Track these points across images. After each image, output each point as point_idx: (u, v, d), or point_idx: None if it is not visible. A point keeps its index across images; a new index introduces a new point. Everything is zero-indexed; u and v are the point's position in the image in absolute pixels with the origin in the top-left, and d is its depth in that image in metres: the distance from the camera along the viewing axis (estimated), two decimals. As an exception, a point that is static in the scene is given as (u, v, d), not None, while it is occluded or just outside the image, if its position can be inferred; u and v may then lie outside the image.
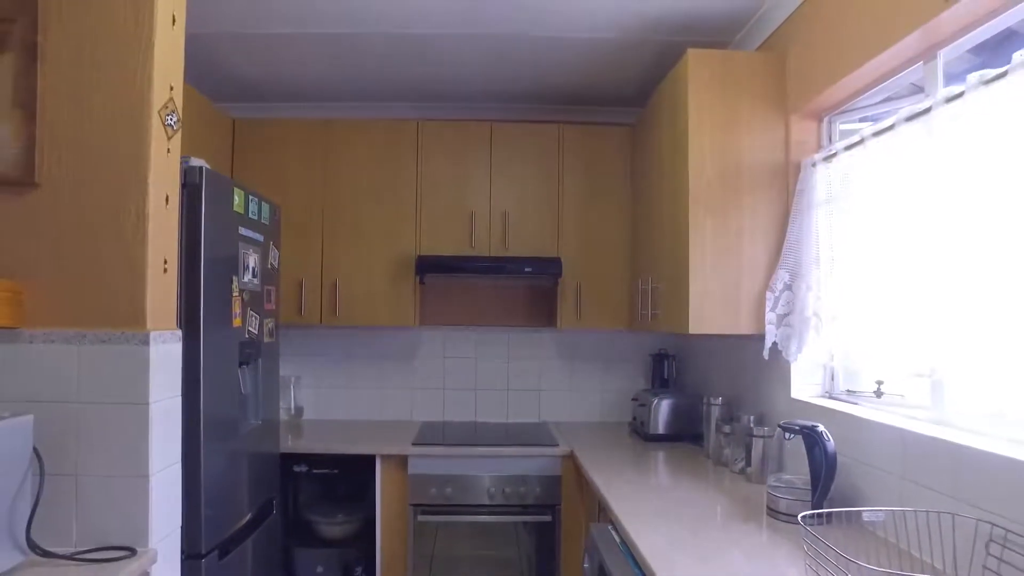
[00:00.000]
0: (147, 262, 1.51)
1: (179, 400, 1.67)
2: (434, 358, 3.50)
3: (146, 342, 1.50)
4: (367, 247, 3.14)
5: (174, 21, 1.61)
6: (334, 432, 3.12)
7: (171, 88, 1.60)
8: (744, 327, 2.30)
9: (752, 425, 2.30)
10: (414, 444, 2.84)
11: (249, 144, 3.16)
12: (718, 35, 2.60)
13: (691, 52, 2.34)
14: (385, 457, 2.81)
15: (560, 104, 3.43)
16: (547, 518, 2.80)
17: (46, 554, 1.41)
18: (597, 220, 3.21)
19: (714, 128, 2.32)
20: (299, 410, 3.33)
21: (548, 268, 3.09)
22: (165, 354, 1.58)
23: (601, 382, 3.53)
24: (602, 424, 3.43)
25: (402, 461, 2.81)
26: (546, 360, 3.53)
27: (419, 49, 2.76)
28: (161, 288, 1.57)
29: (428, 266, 3.05)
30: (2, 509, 1.33)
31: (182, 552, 1.70)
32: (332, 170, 3.15)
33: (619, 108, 3.44)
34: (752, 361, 2.49)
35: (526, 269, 3.08)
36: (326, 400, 3.46)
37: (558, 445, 2.86)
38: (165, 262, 1.59)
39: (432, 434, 3.07)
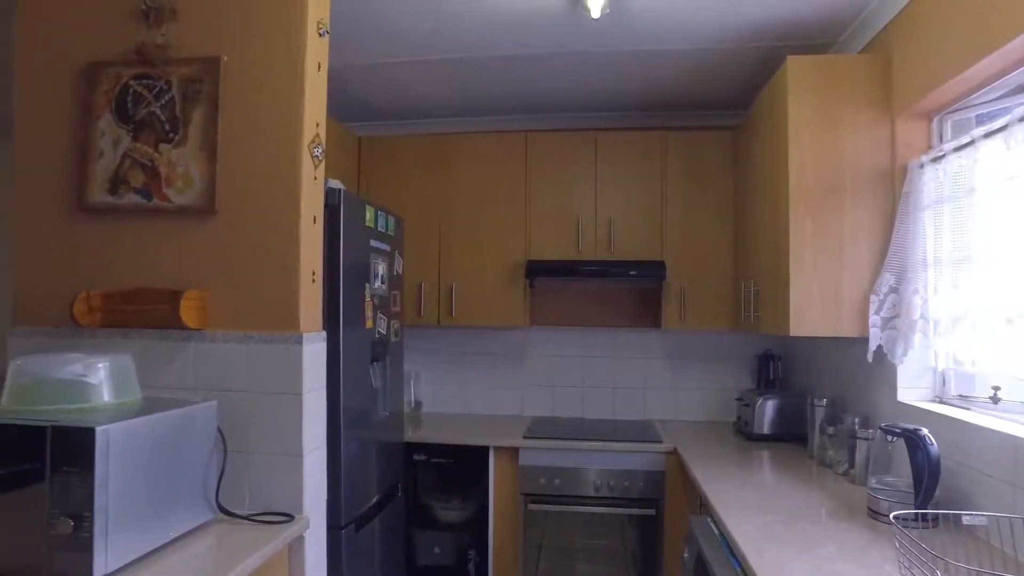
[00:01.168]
0: (300, 274, 1.79)
1: (324, 392, 1.95)
2: (543, 357, 3.69)
3: (300, 342, 1.78)
4: (480, 252, 3.38)
5: (319, 68, 1.89)
6: (450, 424, 3.38)
7: (317, 125, 1.87)
8: (846, 329, 2.31)
9: (856, 427, 2.31)
10: (525, 437, 3.04)
11: (373, 159, 3.48)
12: (819, 39, 2.61)
13: (791, 60, 2.38)
14: (498, 449, 3.03)
15: (662, 111, 3.52)
16: (651, 512, 2.91)
17: (229, 514, 1.72)
18: (700, 223, 3.28)
19: (815, 132, 2.35)
20: (418, 403, 3.63)
21: (652, 271, 3.19)
22: (314, 352, 1.86)
23: (705, 381, 3.58)
24: (706, 423, 3.49)
25: (514, 453, 3.02)
26: (651, 359, 3.63)
27: (528, 68, 2.95)
28: (311, 296, 1.86)
29: (538, 270, 3.23)
30: (198, 476, 1.65)
31: (327, 522, 1.98)
32: (448, 181, 3.42)
33: (721, 111, 3.48)
34: (856, 363, 2.49)
35: (631, 273, 3.20)
36: (442, 394, 3.74)
37: (662, 442, 2.96)
38: (313, 273, 1.86)
39: (542, 428, 3.26)
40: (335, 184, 2.12)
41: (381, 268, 2.43)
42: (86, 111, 1.89)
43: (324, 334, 1.94)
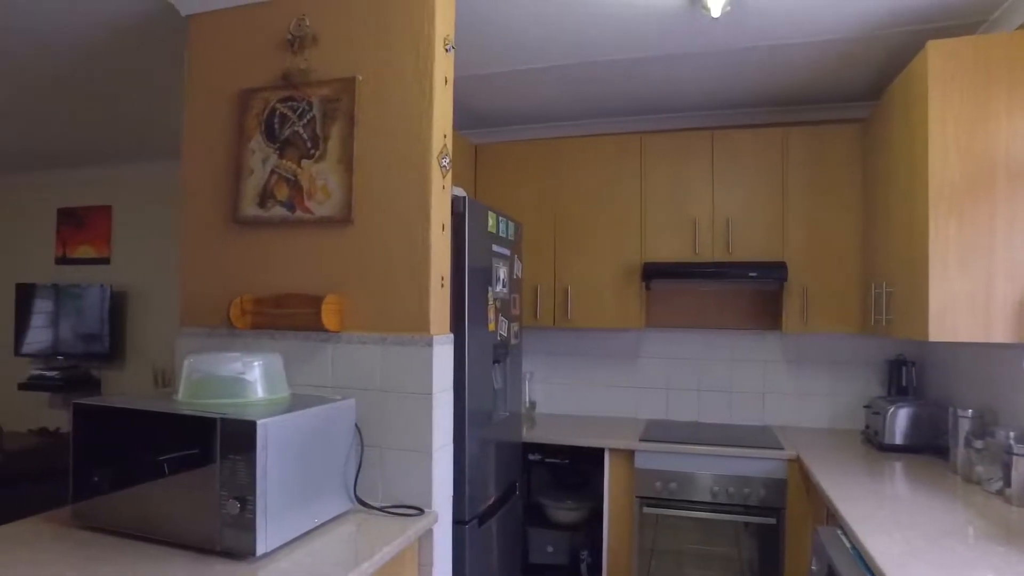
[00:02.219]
0: (430, 279, 1.89)
1: (451, 392, 2.03)
2: (658, 359, 3.65)
3: (430, 344, 1.88)
4: (595, 255, 3.39)
5: (446, 82, 1.97)
6: (564, 425, 3.42)
7: (444, 136, 1.96)
8: (999, 335, 2.14)
9: (1012, 442, 2.13)
10: (641, 440, 3.03)
11: (488, 166, 3.58)
12: (965, 19, 2.42)
13: (931, 44, 2.22)
14: (613, 451, 3.04)
15: (782, 106, 3.38)
16: (771, 520, 2.82)
17: (365, 505, 1.84)
18: (824, 222, 3.13)
19: (961, 121, 2.19)
20: (532, 404, 3.69)
21: (773, 272, 3.08)
22: (443, 354, 1.95)
23: (830, 387, 3.41)
24: (830, 431, 3.33)
25: (629, 455, 3.01)
26: (770, 363, 3.51)
27: (645, 71, 2.93)
28: (440, 300, 1.95)
29: (654, 272, 3.21)
30: (339, 468, 1.78)
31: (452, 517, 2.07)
32: (562, 185, 3.45)
33: (847, 103, 3.30)
34: (1009, 372, 2.29)
35: (750, 274, 3.11)
36: (556, 395, 3.78)
37: (783, 449, 2.86)
38: (442, 278, 1.95)
39: (657, 431, 3.23)
40: (459, 192, 2.20)
41: (502, 272, 2.50)
42: (239, 133, 2.08)
43: (452, 336, 2.03)
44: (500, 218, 2.49)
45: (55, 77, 3.15)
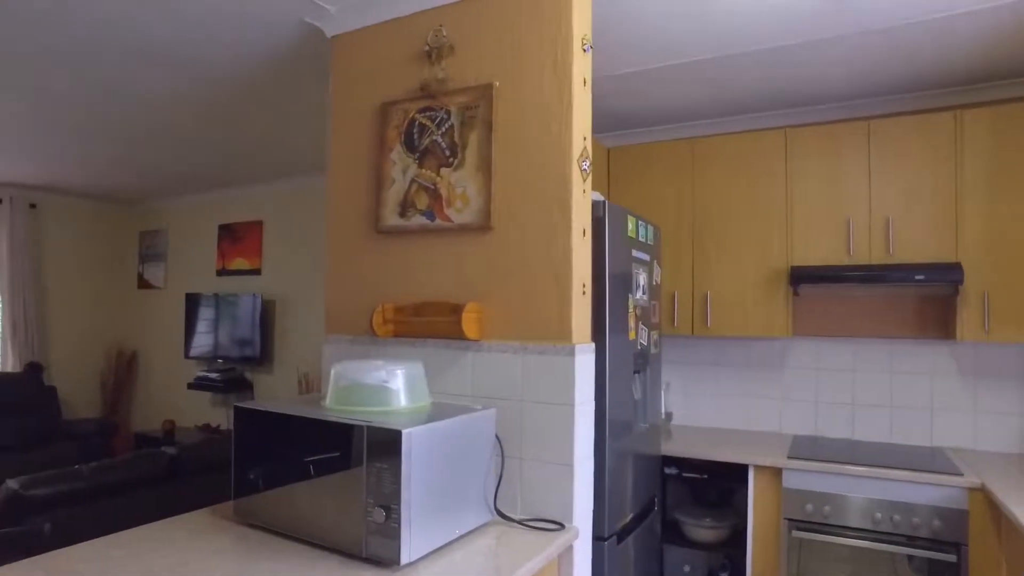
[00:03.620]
0: (572, 286, 1.83)
1: (593, 403, 1.96)
2: (805, 369, 3.38)
3: (572, 353, 1.81)
4: (737, 259, 3.20)
5: (584, 83, 1.91)
6: (702, 438, 3.24)
7: (584, 139, 1.90)
8: None
9: None
10: (789, 457, 2.80)
11: (622, 169, 3.48)
12: None
13: None
14: (759, 468, 2.83)
15: (952, 87, 3.03)
16: (950, 558, 2.50)
17: (505, 517, 1.81)
18: (1011, 216, 2.75)
19: None
20: (668, 415, 3.53)
21: (946, 275, 2.75)
22: (585, 364, 1.88)
23: (1020, 405, 3.00)
24: (1022, 456, 2.92)
25: (776, 473, 2.79)
26: (940, 376, 3.13)
27: (791, 59, 2.73)
28: (582, 308, 1.88)
29: (803, 277, 2.97)
30: (480, 479, 1.76)
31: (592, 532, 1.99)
32: (700, 186, 3.29)
33: (1037, 81, 2.90)
34: None
35: (916, 277, 2.79)
36: (693, 406, 3.60)
37: (962, 475, 2.53)
38: (584, 285, 1.89)
39: (807, 448, 2.98)
40: (597, 196, 2.13)
41: (642, 278, 2.40)
42: (381, 144, 2.13)
43: (593, 346, 1.96)
44: (639, 222, 2.40)
45: (209, 105, 3.42)
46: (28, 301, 5.85)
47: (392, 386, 1.72)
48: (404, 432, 1.48)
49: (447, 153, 2.00)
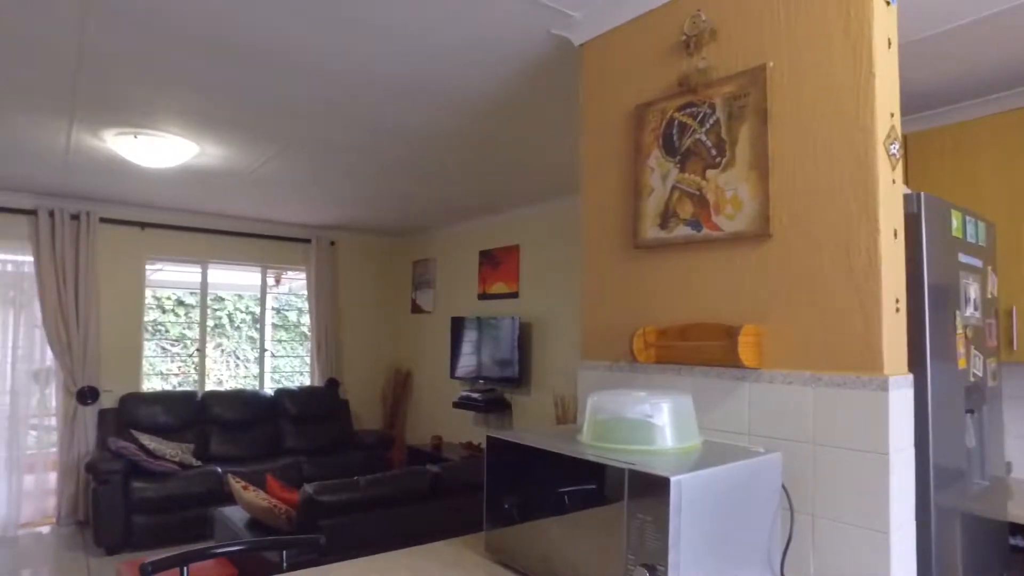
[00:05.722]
0: (881, 302, 1.44)
1: (912, 451, 1.52)
2: None
3: (884, 387, 1.42)
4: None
5: (889, 44, 1.52)
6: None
7: (891, 115, 1.50)
8: None
9: None
10: None
11: (924, 157, 2.85)
12: None
13: None
14: None
15: None
16: None
17: (801, 590, 1.46)
18: None
19: None
20: (1007, 465, 2.76)
21: None
22: (901, 400, 1.47)
23: None
24: None
25: None
26: None
27: None
28: (894, 329, 1.47)
29: None
30: (762, 538, 1.45)
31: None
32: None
33: None
34: None
35: None
36: (1040, 455, 2.78)
37: None
38: (897, 301, 1.48)
39: None
40: (904, 188, 1.69)
41: (972, 290, 1.86)
42: (636, 152, 1.94)
43: (911, 377, 1.53)
44: (967, 217, 1.86)
45: (467, 135, 3.57)
46: (329, 325, 6.76)
47: (657, 422, 1.50)
48: (673, 480, 1.25)
49: (713, 152, 1.74)
